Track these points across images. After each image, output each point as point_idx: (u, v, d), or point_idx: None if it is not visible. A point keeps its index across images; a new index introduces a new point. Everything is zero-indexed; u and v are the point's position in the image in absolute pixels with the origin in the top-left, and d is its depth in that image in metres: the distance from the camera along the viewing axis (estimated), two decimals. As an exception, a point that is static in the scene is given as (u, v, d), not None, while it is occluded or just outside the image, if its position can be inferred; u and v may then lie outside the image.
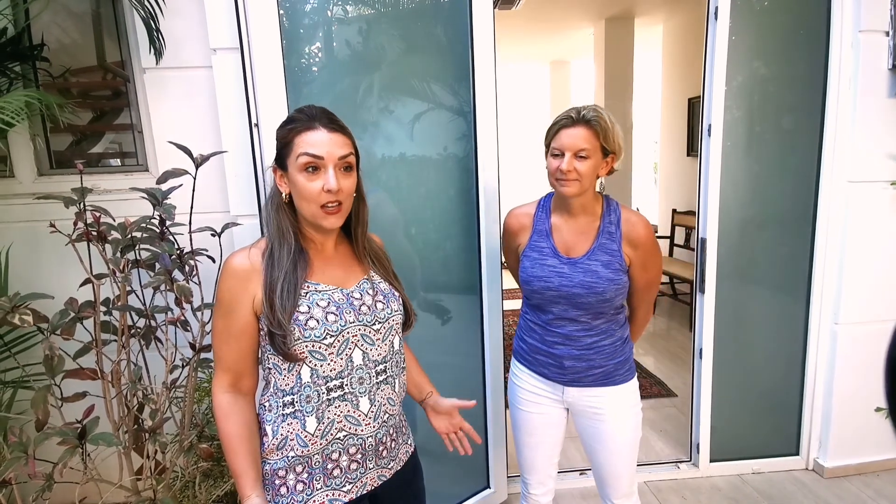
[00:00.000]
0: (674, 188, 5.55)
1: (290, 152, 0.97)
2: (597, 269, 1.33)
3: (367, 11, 1.82)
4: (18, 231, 1.88)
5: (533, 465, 1.56)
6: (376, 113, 1.81)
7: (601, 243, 1.35)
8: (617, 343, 1.42)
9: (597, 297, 1.33)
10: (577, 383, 1.42)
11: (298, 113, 0.99)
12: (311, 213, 0.98)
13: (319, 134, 0.95)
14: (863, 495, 2.20)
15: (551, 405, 1.48)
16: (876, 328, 2.21)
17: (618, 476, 1.48)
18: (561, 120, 1.31)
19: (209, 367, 1.71)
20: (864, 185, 2.12)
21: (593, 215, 1.38)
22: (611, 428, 1.43)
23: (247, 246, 1.02)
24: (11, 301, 1.26)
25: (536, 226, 1.42)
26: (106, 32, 1.94)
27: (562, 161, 1.29)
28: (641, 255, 1.36)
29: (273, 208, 1.01)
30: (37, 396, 1.33)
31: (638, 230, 1.36)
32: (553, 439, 1.53)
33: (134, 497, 1.60)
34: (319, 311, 0.97)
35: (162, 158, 1.90)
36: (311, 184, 0.95)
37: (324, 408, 0.99)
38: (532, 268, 1.38)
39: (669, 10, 5.08)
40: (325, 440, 1.00)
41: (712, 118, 2.06)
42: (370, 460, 1.05)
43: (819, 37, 2.09)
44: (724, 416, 2.33)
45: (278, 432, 1.00)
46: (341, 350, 0.99)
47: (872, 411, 2.28)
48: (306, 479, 1.01)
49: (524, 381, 1.51)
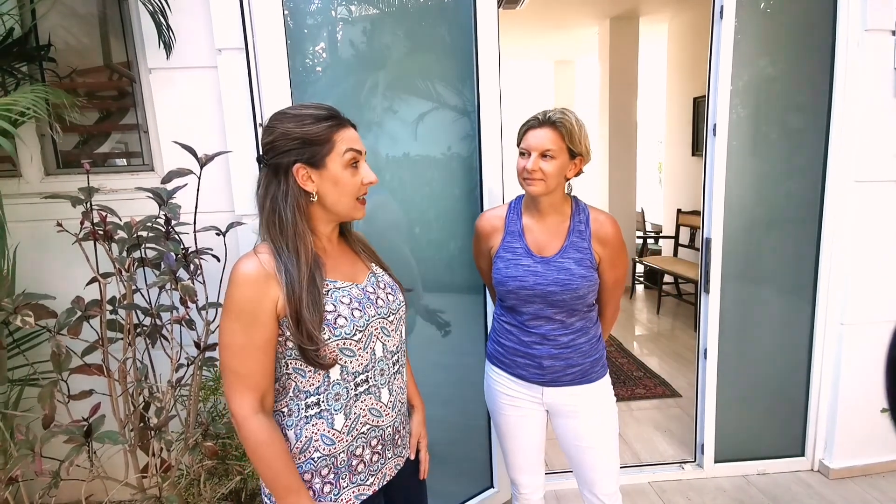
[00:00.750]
0: (679, 188, 5.53)
1: (331, 149, 0.95)
2: (569, 266, 1.36)
3: (371, 11, 1.82)
4: (26, 230, 1.90)
5: (521, 466, 1.57)
6: (380, 113, 1.82)
7: (572, 241, 1.38)
8: (593, 341, 1.45)
9: (571, 294, 1.35)
10: (555, 383, 1.44)
11: (320, 110, 0.97)
12: (348, 206, 1.00)
13: (353, 131, 0.99)
14: (868, 497, 2.19)
15: (531, 407, 1.50)
16: (882, 329, 2.19)
17: (603, 473, 1.49)
18: (529, 121, 1.36)
19: (214, 366, 1.72)
20: (871, 185, 2.11)
21: (563, 215, 1.42)
22: (590, 424, 1.46)
23: (250, 253, 0.96)
24: (14, 302, 1.28)
25: (508, 227, 1.44)
26: (112, 33, 1.96)
27: (528, 160, 1.33)
28: (610, 252, 1.40)
29: (292, 209, 0.96)
30: (44, 391, 1.35)
31: (606, 228, 1.39)
32: (537, 439, 1.54)
33: (139, 494, 1.61)
34: (345, 308, 0.97)
35: (168, 158, 1.91)
36: (355, 178, 0.98)
37: (351, 403, 1.00)
38: (506, 268, 1.40)
39: (675, 9, 5.06)
40: (352, 436, 1.01)
41: (717, 118, 2.05)
42: (389, 450, 1.08)
43: (825, 36, 2.08)
44: (729, 416, 2.32)
45: (302, 435, 0.99)
46: (367, 344, 1.00)
47: (878, 412, 2.27)
48: (333, 479, 1.01)
49: (502, 384, 1.51)
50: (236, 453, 1.77)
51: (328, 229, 1.03)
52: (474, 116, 1.89)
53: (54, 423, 1.38)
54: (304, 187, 0.96)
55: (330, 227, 1.04)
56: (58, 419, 1.41)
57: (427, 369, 1.98)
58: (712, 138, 2.09)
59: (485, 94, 1.85)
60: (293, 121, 0.96)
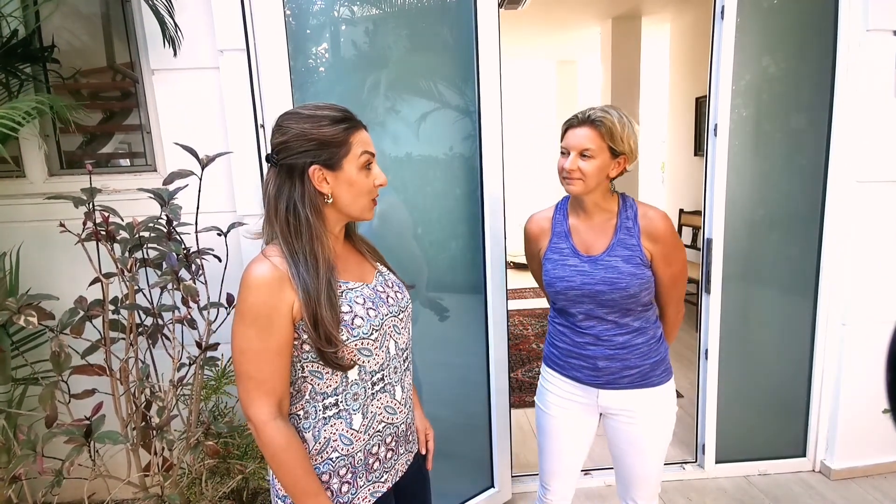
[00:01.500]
0: (681, 188, 5.52)
1: (347, 151, 0.95)
2: (617, 264, 1.32)
3: (373, 11, 1.83)
4: (29, 230, 1.91)
5: (553, 471, 1.53)
6: (382, 113, 1.82)
7: (620, 239, 1.34)
8: (651, 342, 1.39)
9: (620, 294, 1.31)
10: (611, 385, 1.38)
11: (332, 111, 0.97)
12: (362, 206, 1.00)
13: (366, 133, 1.00)
14: (870, 497, 2.18)
15: (582, 411, 1.45)
16: (884, 329, 2.18)
17: (646, 478, 1.46)
18: (570, 119, 1.34)
19: (215, 366, 1.73)
20: (873, 185, 2.10)
21: (609, 213, 1.38)
22: (644, 431, 1.41)
23: (260, 256, 0.94)
24: (18, 302, 1.29)
25: (555, 228, 1.43)
26: (115, 34, 1.97)
27: (567, 159, 1.31)
28: (662, 248, 1.34)
29: (307, 211, 0.95)
30: (44, 392, 1.36)
31: (656, 224, 1.34)
32: (578, 447, 1.50)
33: (142, 493, 1.62)
34: (360, 308, 0.98)
35: (170, 158, 1.92)
36: (369, 180, 0.99)
37: (369, 402, 1.01)
38: (554, 269, 1.38)
39: (677, 9, 5.05)
40: (369, 434, 1.02)
41: (718, 118, 2.05)
42: (401, 446, 1.09)
43: (827, 36, 2.08)
44: (730, 417, 2.32)
45: (320, 436, 0.99)
46: (382, 343, 1.01)
47: (880, 413, 2.26)
48: (350, 479, 1.01)
49: (555, 385, 1.48)
50: (238, 452, 1.78)
51: (337, 230, 1.03)
52: (476, 116, 1.89)
53: (57, 422, 1.39)
54: (320, 189, 0.95)
55: (339, 227, 1.04)
56: (61, 418, 1.42)
57: (428, 369, 1.99)
58: (713, 138, 2.09)
59: (485, 94, 1.86)
60: (309, 121, 0.94)
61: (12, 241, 1.86)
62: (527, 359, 3.83)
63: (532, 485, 2.33)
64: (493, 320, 2.02)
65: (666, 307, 1.45)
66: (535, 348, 4.03)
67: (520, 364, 3.73)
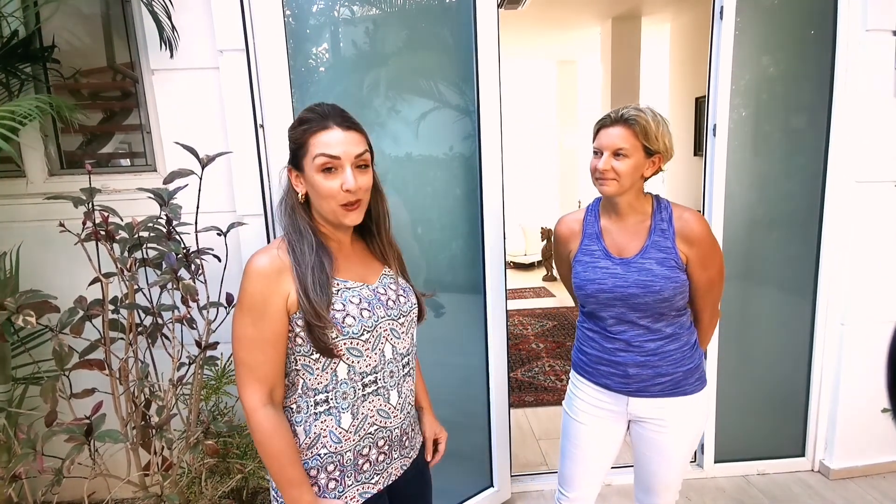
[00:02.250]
0: (681, 188, 5.52)
1: (305, 153, 0.96)
2: (651, 266, 1.28)
3: (373, 11, 1.83)
4: (29, 230, 1.91)
5: (572, 478, 1.48)
6: (382, 113, 1.83)
7: (654, 241, 1.30)
8: (685, 348, 1.34)
9: (654, 297, 1.27)
10: (642, 393, 1.34)
11: (310, 112, 0.98)
12: (331, 211, 0.98)
13: (334, 133, 0.95)
14: (869, 497, 2.19)
15: (610, 419, 1.41)
16: (883, 329, 2.19)
17: (668, 486, 1.43)
18: (602, 119, 1.31)
19: (215, 365, 1.74)
20: (872, 186, 2.11)
21: (643, 214, 1.34)
22: (673, 440, 1.37)
23: (267, 246, 0.99)
24: (17, 302, 1.29)
25: (586, 230, 1.39)
26: (115, 34, 1.97)
27: (600, 160, 1.28)
28: (698, 251, 1.29)
29: (287, 209, 1.00)
30: (46, 386, 1.36)
31: (692, 226, 1.29)
32: (605, 455, 1.45)
33: (141, 492, 1.62)
34: (354, 307, 0.98)
35: (170, 158, 1.92)
36: (329, 183, 0.95)
37: (359, 403, 1.01)
38: (584, 272, 1.34)
39: (677, 9, 5.05)
40: (359, 436, 1.02)
41: (717, 118, 2.05)
42: (395, 451, 1.08)
43: (826, 36, 2.08)
44: (729, 417, 2.32)
45: (311, 431, 1.00)
46: (375, 345, 1.01)
47: (879, 413, 2.26)
48: (338, 476, 1.02)
49: (584, 391, 1.44)
50: (237, 451, 1.78)
51: (329, 229, 1.03)
52: (475, 116, 1.90)
53: (56, 421, 1.39)
54: (296, 188, 1.00)
55: (331, 227, 1.02)
56: (61, 417, 1.43)
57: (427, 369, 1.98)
58: (712, 139, 2.09)
59: (485, 94, 1.86)
60: (292, 125, 0.99)
61: (12, 240, 1.86)
62: (526, 359, 3.83)
63: (531, 484, 2.34)
64: (492, 320, 2.03)
65: (701, 312, 1.39)
66: (534, 348, 4.04)
67: (519, 364, 3.73)
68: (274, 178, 1.51)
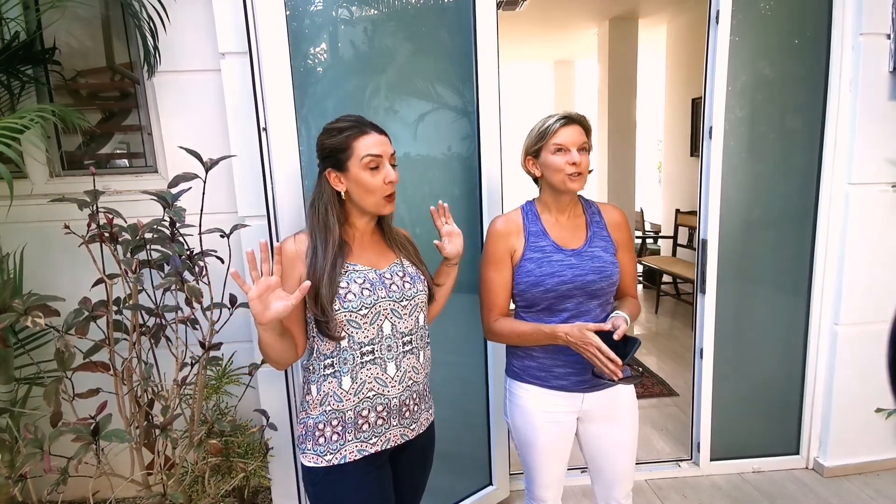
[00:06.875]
0: (677, 188, 5.56)
1: (350, 155, 1.13)
2: (600, 254, 1.37)
3: (372, 13, 1.84)
4: (32, 231, 1.92)
5: (549, 483, 1.49)
6: (382, 113, 1.84)
7: (594, 231, 1.41)
8: None
9: (608, 282, 1.36)
10: (598, 387, 1.39)
11: (343, 122, 1.16)
12: (374, 202, 1.17)
13: (374, 137, 1.15)
14: (863, 495, 2.22)
15: (568, 419, 1.43)
16: (876, 329, 2.22)
17: (628, 474, 1.48)
18: (557, 120, 1.36)
19: (218, 365, 1.75)
20: (865, 187, 2.13)
21: (577, 209, 1.45)
22: (625, 424, 1.44)
23: (295, 233, 1.19)
24: (24, 303, 1.30)
25: (529, 228, 1.40)
26: (115, 35, 1.98)
27: (569, 155, 1.32)
28: (624, 236, 1.45)
29: (325, 206, 1.16)
30: (49, 388, 1.38)
31: (615, 214, 1.46)
32: (566, 451, 1.48)
33: (145, 491, 1.64)
34: (356, 286, 1.15)
35: (171, 160, 1.94)
36: (375, 178, 1.14)
37: (357, 369, 1.16)
38: (540, 268, 1.35)
39: (673, 11, 5.09)
40: (358, 398, 1.17)
41: (713, 120, 2.07)
42: (394, 418, 1.21)
43: (820, 39, 2.11)
44: (725, 415, 2.35)
45: (321, 390, 1.18)
46: (373, 321, 1.16)
47: (872, 411, 2.29)
48: (340, 431, 1.17)
49: (538, 400, 1.41)
50: (240, 451, 1.80)
51: (362, 222, 1.22)
52: (474, 117, 1.91)
53: (62, 421, 1.40)
54: (336, 188, 1.16)
55: (364, 220, 1.22)
56: (65, 417, 1.44)
57: (427, 368, 2.00)
58: (708, 140, 2.11)
59: (484, 94, 1.88)
60: (326, 134, 1.17)
61: (15, 242, 1.87)
62: (524, 358, 3.84)
63: (530, 482, 2.36)
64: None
65: (630, 289, 1.49)
66: (532, 347, 4.05)
67: (517, 363, 3.74)
68: (277, 179, 1.52)
